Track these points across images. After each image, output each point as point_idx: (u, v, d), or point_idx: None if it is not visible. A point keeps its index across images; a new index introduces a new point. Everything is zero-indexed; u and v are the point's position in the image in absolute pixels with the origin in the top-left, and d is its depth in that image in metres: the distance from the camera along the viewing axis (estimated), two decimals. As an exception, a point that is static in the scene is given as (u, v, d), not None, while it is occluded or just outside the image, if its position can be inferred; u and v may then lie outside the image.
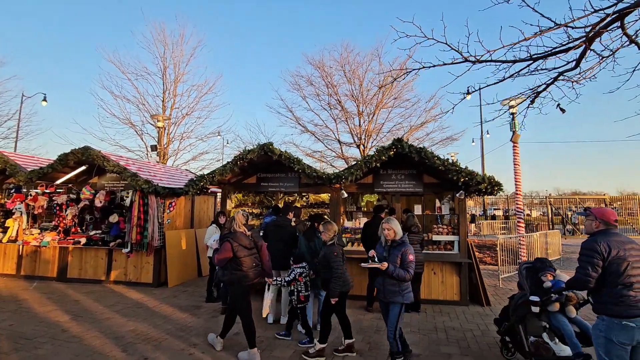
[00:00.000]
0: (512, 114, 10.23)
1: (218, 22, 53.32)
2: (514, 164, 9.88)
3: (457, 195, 6.13)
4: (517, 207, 9.92)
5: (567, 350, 3.45)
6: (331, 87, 15.17)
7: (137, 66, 16.03)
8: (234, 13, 60.33)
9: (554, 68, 3.21)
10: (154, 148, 11.63)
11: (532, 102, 3.64)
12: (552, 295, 3.51)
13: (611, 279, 2.67)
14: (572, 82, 3.25)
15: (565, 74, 3.19)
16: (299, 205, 8.80)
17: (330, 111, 15.40)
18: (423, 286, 6.38)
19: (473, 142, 23.42)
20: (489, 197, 25.12)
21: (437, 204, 6.91)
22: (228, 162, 6.38)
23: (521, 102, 10.30)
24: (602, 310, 2.71)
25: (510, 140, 10.10)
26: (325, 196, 9.09)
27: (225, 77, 43.92)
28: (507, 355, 4.06)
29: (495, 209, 28.29)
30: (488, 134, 26.18)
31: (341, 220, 7.01)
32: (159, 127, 11.63)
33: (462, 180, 5.66)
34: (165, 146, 16.75)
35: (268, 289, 4.96)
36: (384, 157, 5.90)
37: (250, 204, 8.93)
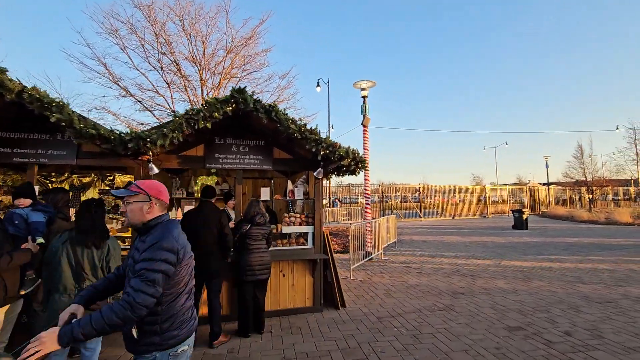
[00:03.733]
0: (364, 97, 9.96)
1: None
2: (364, 148, 9.62)
3: (315, 174, 4.80)
4: (366, 194, 9.74)
5: None
6: (165, 42, 11.89)
7: None
8: None
9: None
10: None
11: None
12: None
13: (174, 290, 1.72)
14: None
15: None
16: (66, 187, 5.92)
17: (163, 73, 12.11)
18: (269, 294, 4.83)
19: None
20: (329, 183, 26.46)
21: (290, 186, 5.46)
22: None
23: (372, 86, 10.17)
24: (158, 344, 1.69)
25: (361, 124, 9.81)
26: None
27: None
28: None
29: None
30: (332, 128, 27.64)
31: (153, 211, 4.67)
32: None
33: (321, 153, 4.32)
34: None
35: None
36: (217, 115, 3.94)
37: (-6, 188, 5.35)
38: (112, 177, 6.67)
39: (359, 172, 4.68)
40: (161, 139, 3.68)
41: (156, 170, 4.16)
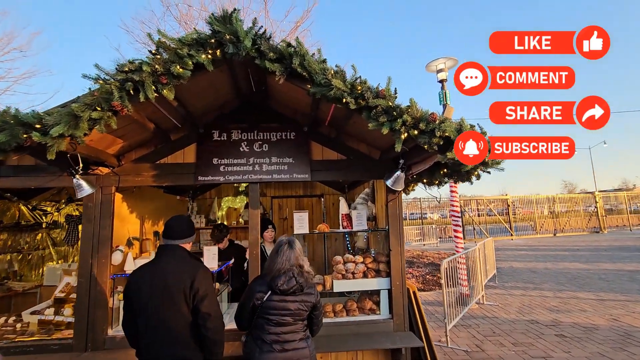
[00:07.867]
0: (442, 81, 7.44)
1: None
2: (447, 149, 7.01)
3: (389, 182, 2.51)
4: (453, 210, 7.05)
5: None
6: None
7: None
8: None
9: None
10: None
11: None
12: None
13: None
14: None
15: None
16: (62, 218, 4.43)
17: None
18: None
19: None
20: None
21: (343, 208, 3.23)
22: None
23: (453, 65, 7.62)
24: None
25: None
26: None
27: (49, 33, 33.91)
28: None
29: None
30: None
31: (115, 257, 2.78)
32: None
33: (402, 136, 2.01)
34: None
35: None
36: (179, 70, 1.90)
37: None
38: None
39: (479, 176, 2.27)
40: (64, 123, 1.75)
41: (88, 191, 2.26)
